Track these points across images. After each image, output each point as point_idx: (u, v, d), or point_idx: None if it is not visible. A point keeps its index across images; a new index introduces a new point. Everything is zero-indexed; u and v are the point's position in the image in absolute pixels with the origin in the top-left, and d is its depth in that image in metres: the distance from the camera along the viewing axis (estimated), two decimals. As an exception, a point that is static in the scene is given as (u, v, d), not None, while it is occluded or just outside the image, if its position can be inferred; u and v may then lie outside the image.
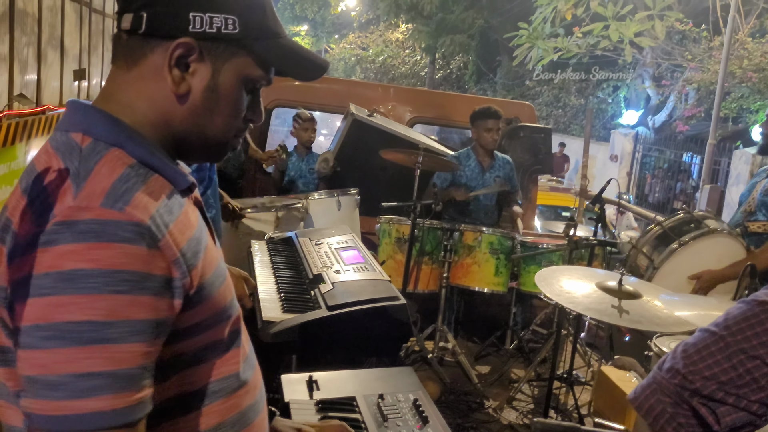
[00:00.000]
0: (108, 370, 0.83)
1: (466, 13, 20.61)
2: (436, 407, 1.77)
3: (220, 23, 0.98)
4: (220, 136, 1.05)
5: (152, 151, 0.98)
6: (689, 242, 3.23)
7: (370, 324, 2.29)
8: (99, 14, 4.21)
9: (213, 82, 1.00)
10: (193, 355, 0.99)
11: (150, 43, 0.98)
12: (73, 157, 0.92)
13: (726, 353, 1.12)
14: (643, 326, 2.37)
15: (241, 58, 1.01)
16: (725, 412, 1.10)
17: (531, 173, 5.50)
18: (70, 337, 0.82)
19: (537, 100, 20.16)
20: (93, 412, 0.82)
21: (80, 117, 0.98)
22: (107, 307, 0.83)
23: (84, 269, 0.82)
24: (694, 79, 14.53)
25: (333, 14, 29.27)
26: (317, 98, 5.76)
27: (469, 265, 4.29)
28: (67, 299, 0.82)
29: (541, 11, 13.63)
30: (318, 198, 4.23)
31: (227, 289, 1.05)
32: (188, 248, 0.95)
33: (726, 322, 1.16)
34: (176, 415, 0.98)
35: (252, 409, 1.10)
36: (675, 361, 1.17)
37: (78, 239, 0.83)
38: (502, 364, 4.51)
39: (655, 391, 1.17)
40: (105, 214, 0.85)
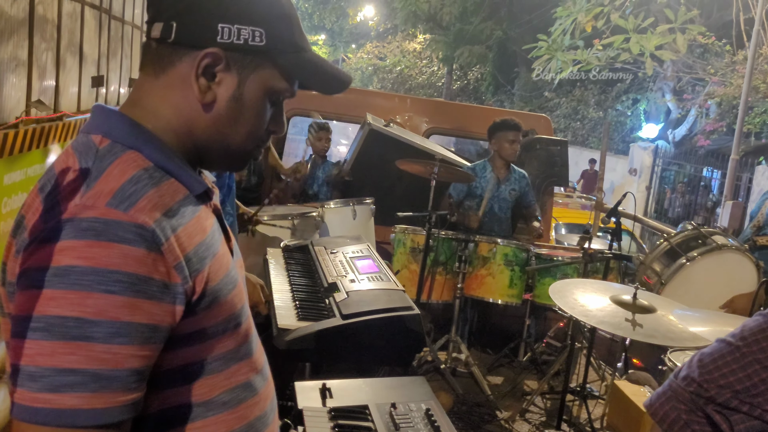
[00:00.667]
0: (88, 368, 0.83)
1: (484, 24, 20.61)
2: (448, 417, 1.78)
3: (247, 35, 0.99)
4: (242, 145, 1.07)
5: (170, 156, 0.99)
6: (697, 258, 3.23)
7: (384, 333, 2.30)
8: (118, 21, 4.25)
9: (238, 92, 1.02)
10: (202, 365, 0.99)
11: (178, 52, 1.00)
12: (89, 157, 0.94)
13: (741, 363, 1.14)
14: (657, 340, 2.37)
15: (266, 70, 1.03)
16: (739, 420, 1.12)
17: (546, 185, 5.50)
18: (56, 331, 0.82)
19: (555, 112, 20.02)
20: (70, 408, 0.82)
21: (102, 120, 1.00)
22: (96, 306, 0.83)
23: (79, 266, 0.83)
24: (716, 93, 14.31)
25: (351, 24, 29.40)
26: (334, 108, 5.80)
27: (484, 276, 4.30)
28: (59, 293, 0.83)
29: (561, 23, 13.57)
30: (334, 207, 4.26)
31: (237, 297, 1.05)
32: (194, 253, 0.95)
33: (742, 333, 1.17)
34: (184, 423, 0.98)
35: (260, 421, 1.09)
36: (691, 369, 1.18)
37: (78, 236, 0.84)
38: (515, 376, 4.50)
39: (670, 399, 1.18)
40: (109, 214, 0.86)
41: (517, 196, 4.80)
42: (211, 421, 1.00)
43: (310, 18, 28.69)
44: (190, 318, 0.94)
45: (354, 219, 4.24)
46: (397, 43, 28.75)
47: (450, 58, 22.57)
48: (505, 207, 4.79)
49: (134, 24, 4.11)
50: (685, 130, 16.10)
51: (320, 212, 4.12)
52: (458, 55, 21.66)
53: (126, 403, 0.86)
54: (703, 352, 1.19)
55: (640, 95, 18.01)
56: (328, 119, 5.55)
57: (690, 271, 3.24)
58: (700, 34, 13.32)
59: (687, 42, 12.75)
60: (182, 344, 0.95)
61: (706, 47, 14.72)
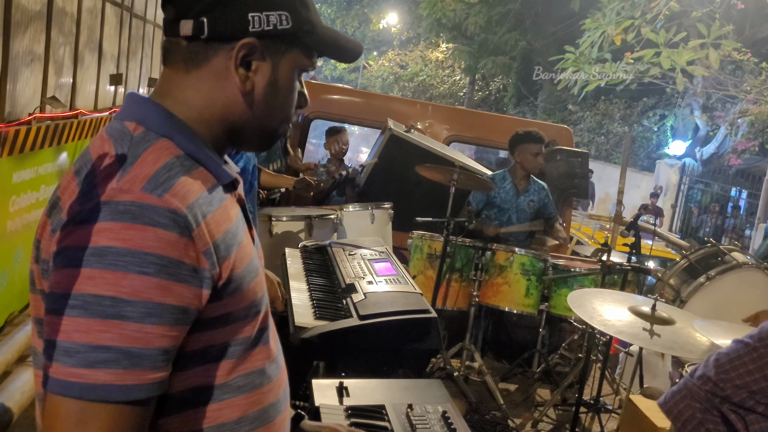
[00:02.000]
0: (121, 346, 0.86)
1: (509, 34, 20.53)
2: (464, 421, 1.78)
3: (275, 20, 1.02)
4: (275, 126, 1.11)
5: (199, 146, 1.02)
6: (716, 277, 3.20)
7: (400, 335, 2.31)
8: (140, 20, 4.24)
9: (273, 77, 1.06)
10: (222, 349, 1.02)
11: (213, 46, 1.02)
12: (124, 143, 0.97)
13: (758, 363, 1.13)
14: (675, 352, 2.35)
15: (294, 51, 1.07)
16: (754, 419, 1.11)
17: (566, 197, 5.48)
18: (92, 309, 0.85)
19: (578, 126, 19.79)
20: (103, 383, 0.85)
21: (136, 108, 1.03)
22: (131, 286, 0.86)
23: (116, 247, 0.86)
24: (750, 111, 14.01)
25: (373, 31, 29.48)
26: (356, 112, 5.82)
27: (500, 284, 4.28)
28: (96, 273, 0.86)
29: (590, 35, 13.42)
30: (352, 210, 4.27)
31: (258, 285, 1.08)
32: (222, 240, 0.98)
33: (760, 334, 1.17)
34: (200, 404, 1.01)
35: (274, 407, 1.11)
36: (707, 369, 1.18)
37: (115, 218, 0.87)
38: (529, 387, 4.47)
39: (685, 397, 1.18)
40: (144, 198, 0.89)
41: (536, 207, 4.79)
42: (226, 404, 1.03)
43: (333, 23, 28.80)
44: (215, 303, 0.97)
45: (372, 223, 4.25)
46: (419, 52, 28.79)
47: (473, 68, 22.51)
48: (523, 218, 4.77)
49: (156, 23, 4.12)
50: (714, 148, 15.73)
51: (339, 215, 4.13)
52: (481, 66, 21.60)
53: (155, 381, 0.90)
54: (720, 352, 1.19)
55: (667, 111, 17.68)
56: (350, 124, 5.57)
57: (709, 290, 3.22)
58: (735, 50, 13.07)
59: (720, 58, 12.54)
60: (206, 328, 0.98)
61: (738, 64, 14.46)
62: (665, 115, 17.84)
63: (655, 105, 18.14)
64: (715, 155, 15.80)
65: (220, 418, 1.02)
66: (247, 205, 3.09)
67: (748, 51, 13.32)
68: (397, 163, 4.96)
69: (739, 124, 14.59)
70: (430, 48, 28.03)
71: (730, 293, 3.21)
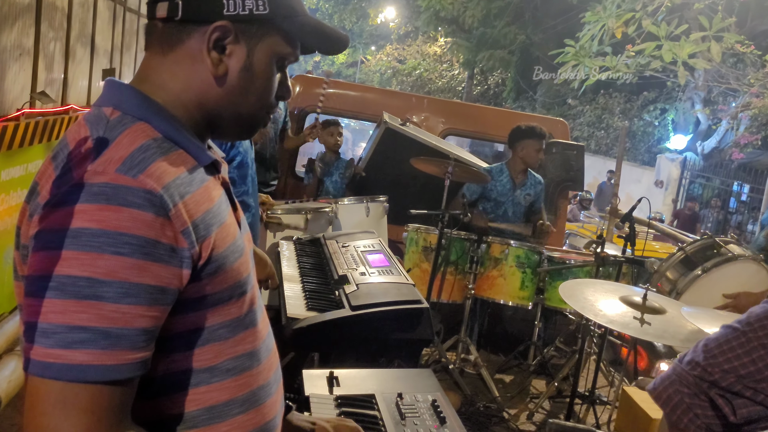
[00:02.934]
0: (99, 327, 0.86)
1: (508, 28, 20.44)
2: (453, 409, 1.78)
3: (251, 5, 1.03)
4: (253, 113, 1.10)
5: (178, 129, 1.03)
6: (712, 269, 3.21)
7: (392, 326, 2.31)
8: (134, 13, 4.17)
9: (248, 62, 1.05)
10: (209, 331, 1.02)
11: (187, 28, 1.03)
12: (100, 127, 0.97)
13: (746, 348, 1.14)
14: (666, 340, 2.36)
15: (272, 37, 1.07)
16: (741, 404, 1.12)
17: (562, 189, 5.48)
18: (68, 290, 0.86)
19: (578, 120, 19.71)
20: (80, 364, 0.86)
21: (113, 93, 1.03)
22: (106, 266, 0.86)
23: (90, 228, 0.87)
24: (753, 105, 13.72)
25: (371, 25, 29.42)
26: (351, 106, 5.82)
27: (495, 277, 4.29)
28: (71, 254, 0.86)
29: (590, 28, 13.33)
30: (347, 203, 4.27)
31: (243, 266, 1.08)
32: (201, 220, 0.98)
33: (748, 319, 1.18)
34: (189, 387, 1.01)
35: (264, 390, 1.12)
36: (696, 354, 1.19)
37: (89, 200, 0.88)
38: (524, 379, 4.49)
39: (674, 382, 1.19)
40: (118, 179, 0.90)
41: (531, 201, 4.79)
42: (214, 387, 1.03)
43: (330, 18, 28.74)
44: (195, 283, 0.97)
45: (367, 216, 4.26)
46: (417, 46, 28.74)
47: (471, 62, 22.44)
48: (518, 212, 4.77)
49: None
50: (715, 142, 15.59)
51: (333, 208, 4.13)
52: (480, 59, 21.53)
53: (134, 361, 0.90)
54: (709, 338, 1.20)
55: (668, 105, 17.53)
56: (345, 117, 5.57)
57: (705, 282, 3.22)
58: (738, 43, 12.94)
59: (722, 50, 12.43)
60: (188, 309, 0.98)
61: (740, 57, 14.33)
62: (666, 109, 17.68)
63: (656, 99, 17.99)
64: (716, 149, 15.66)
65: (210, 401, 1.03)
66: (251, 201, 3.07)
67: (751, 44, 13.20)
68: (393, 156, 4.97)
69: (742, 117, 14.47)
70: (428, 42, 27.99)
71: (727, 285, 3.22)
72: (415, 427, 1.66)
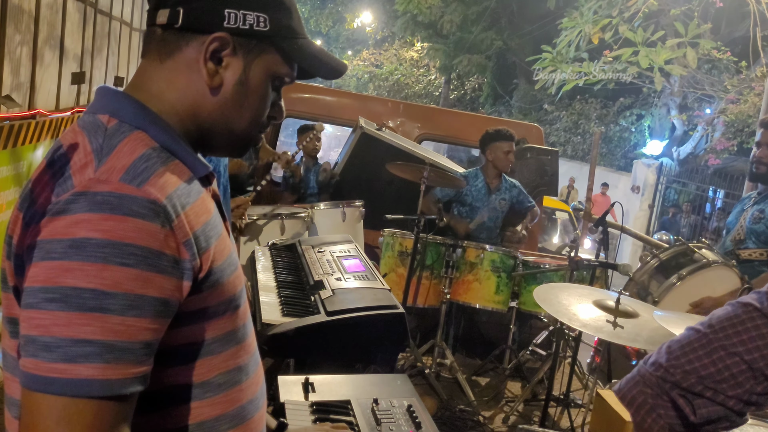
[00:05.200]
0: (103, 340, 0.84)
1: (484, 33, 20.54)
2: (429, 414, 1.79)
3: (252, 20, 1.03)
4: (245, 130, 1.10)
5: (175, 139, 1.02)
6: (687, 276, 3.26)
7: (368, 331, 2.31)
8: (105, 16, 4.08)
9: (244, 76, 1.05)
10: (203, 345, 1.01)
11: (185, 37, 1.03)
12: (98, 134, 0.96)
13: (707, 349, 1.16)
14: (638, 344, 2.39)
15: (270, 55, 1.07)
16: (701, 404, 1.14)
17: (536, 194, 5.52)
18: (72, 302, 0.84)
19: (555, 126, 19.82)
20: (83, 378, 0.83)
21: (108, 101, 1.02)
22: (112, 278, 0.85)
23: (95, 239, 0.85)
24: (730, 110, 13.82)
25: (347, 30, 29.44)
26: (327, 110, 5.82)
27: (471, 281, 4.31)
28: (76, 265, 0.84)
29: (567, 34, 13.40)
30: (323, 208, 4.27)
31: (237, 280, 1.08)
32: (202, 232, 0.97)
33: (710, 320, 1.21)
34: (181, 402, 1.00)
35: (252, 404, 1.11)
36: (659, 356, 1.21)
37: (93, 209, 0.86)
38: (500, 383, 4.51)
39: (638, 383, 1.21)
40: (123, 189, 0.88)
41: (507, 206, 4.83)
42: (207, 403, 1.02)
43: (307, 23, 28.70)
44: (195, 295, 0.97)
45: (343, 221, 4.26)
46: (394, 51, 28.80)
47: (448, 66, 22.51)
48: (494, 216, 4.80)
49: (123, 20, 3.98)
50: (690, 148, 15.76)
51: (310, 213, 4.13)
52: (457, 64, 21.60)
53: (137, 375, 0.88)
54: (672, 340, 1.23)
55: (644, 111, 17.67)
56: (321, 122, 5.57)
57: (681, 290, 3.27)
58: (715, 49, 13.05)
59: (697, 57, 12.54)
60: (186, 322, 0.97)
61: (715, 63, 14.47)
62: (642, 114, 17.83)
63: (632, 105, 18.14)
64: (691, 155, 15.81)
65: (201, 416, 1.02)
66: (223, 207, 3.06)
67: (727, 50, 13.35)
68: (369, 161, 4.97)
69: (720, 123, 14.58)
70: (405, 47, 28.06)
71: (702, 291, 3.26)
72: (390, 433, 1.66)
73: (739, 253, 3.39)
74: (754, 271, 3.32)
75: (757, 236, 3.31)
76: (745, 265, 3.34)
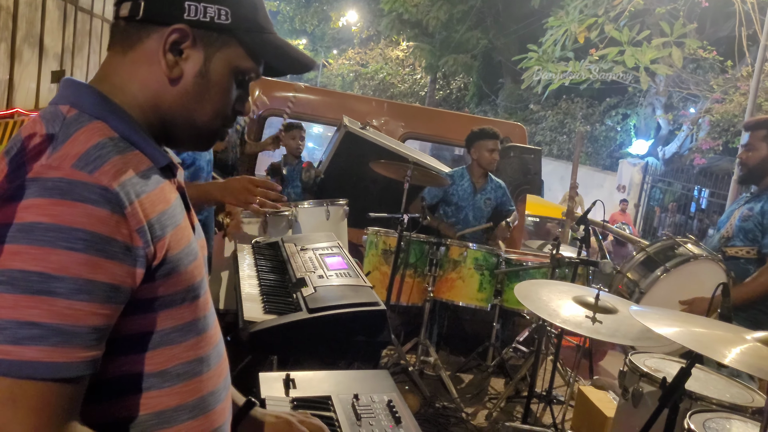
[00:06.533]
0: (50, 323, 0.85)
1: (470, 32, 20.54)
2: (409, 410, 1.80)
3: (213, 13, 1.04)
4: (207, 123, 1.11)
5: (136, 130, 1.03)
6: (672, 269, 3.29)
7: (350, 328, 2.32)
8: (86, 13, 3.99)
9: (204, 68, 1.06)
10: (162, 335, 1.01)
11: (146, 28, 1.04)
12: (56, 124, 0.97)
13: None
14: (617, 340, 2.41)
15: (232, 48, 1.07)
16: None
17: (519, 193, 5.56)
18: (19, 285, 0.84)
19: (540, 125, 19.87)
20: (30, 360, 0.84)
21: (71, 91, 1.03)
22: (59, 262, 0.85)
23: (43, 223, 0.86)
24: (716, 110, 13.82)
25: (333, 29, 29.38)
26: (311, 109, 5.82)
27: (454, 279, 4.33)
28: (23, 248, 0.85)
29: (552, 33, 13.39)
30: (307, 207, 4.26)
31: (197, 270, 1.08)
32: (157, 220, 0.98)
33: None
34: (139, 390, 1.00)
35: (213, 396, 1.11)
36: None
37: (43, 194, 0.87)
38: (483, 380, 4.54)
39: None
40: (74, 175, 0.89)
41: (492, 205, 4.86)
42: (165, 392, 1.03)
43: (291, 21, 28.64)
44: (149, 283, 0.97)
45: (327, 219, 4.25)
46: (379, 50, 28.78)
47: (434, 66, 22.52)
48: (479, 216, 4.83)
49: (104, 17, 3.93)
50: (676, 147, 15.79)
51: (293, 212, 4.12)
52: (442, 63, 21.61)
53: (85, 360, 0.89)
54: None
55: (629, 110, 17.70)
56: (305, 121, 5.57)
57: (667, 282, 3.30)
58: (701, 48, 13.06)
59: (683, 56, 12.55)
60: (140, 310, 0.98)
61: (699, 63, 14.49)
62: (627, 114, 17.85)
63: (617, 104, 18.17)
64: (676, 154, 15.85)
65: (159, 406, 1.02)
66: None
67: (713, 49, 13.38)
68: (353, 159, 4.98)
69: (706, 123, 14.58)
70: (391, 46, 28.05)
71: (687, 284, 3.29)
72: (370, 428, 1.67)
73: (726, 250, 3.43)
74: (739, 268, 3.36)
75: (745, 234, 3.34)
76: (731, 262, 3.38)
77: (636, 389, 2.44)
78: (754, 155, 3.39)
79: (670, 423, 1.99)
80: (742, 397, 2.39)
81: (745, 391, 2.47)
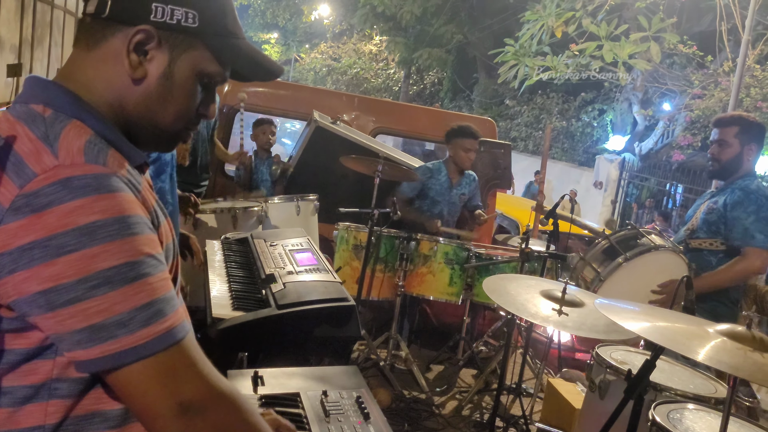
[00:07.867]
0: (156, 298, 0.94)
1: (445, 27, 20.43)
2: (378, 405, 1.81)
3: (180, 15, 1.04)
4: (170, 125, 1.11)
5: (109, 128, 1.03)
6: (633, 258, 3.33)
7: (319, 324, 2.32)
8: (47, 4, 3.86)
9: (169, 70, 1.06)
10: None
11: (111, 27, 1.03)
12: (38, 123, 0.97)
13: None
14: (584, 333, 2.45)
15: (198, 51, 1.07)
16: None
17: (490, 187, 5.59)
18: (116, 280, 0.90)
19: (516, 120, 19.90)
20: (166, 331, 0.93)
21: (40, 90, 1.02)
22: (132, 248, 0.92)
23: (99, 220, 0.90)
24: (696, 106, 13.61)
25: (305, 23, 29.17)
26: (282, 104, 5.79)
27: (424, 274, 4.35)
28: (96, 250, 0.89)
29: (529, 27, 13.35)
30: (277, 202, 4.25)
31: (173, 268, 1.13)
32: (154, 210, 1.04)
33: None
34: None
35: None
36: None
37: (79, 195, 0.89)
38: (454, 374, 4.57)
39: None
40: (93, 169, 0.92)
41: (465, 200, 4.90)
42: None
43: (263, 15, 28.39)
44: None
45: (298, 215, 4.25)
46: (352, 44, 28.66)
47: (408, 60, 22.35)
48: (453, 211, 4.87)
49: (66, 9, 3.83)
50: (652, 143, 15.72)
51: (263, 207, 4.11)
52: (416, 57, 21.47)
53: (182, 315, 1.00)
54: None
55: (606, 106, 17.61)
56: (276, 115, 5.55)
57: (626, 270, 3.34)
58: (681, 43, 13.07)
59: (661, 51, 12.59)
60: None
61: (675, 59, 14.53)
62: (604, 109, 17.73)
63: (594, 100, 18.02)
64: (653, 150, 15.96)
65: None
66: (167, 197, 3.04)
67: (693, 44, 13.43)
68: (323, 154, 4.97)
69: (686, 119, 14.65)
70: (364, 40, 27.94)
71: (647, 274, 3.34)
72: (339, 424, 1.67)
73: (690, 242, 3.49)
74: (702, 260, 3.42)
75: (709, 226, 3.41)
76: (695, 253, 3.45)
77: (602, 381, 2.48)
78: (728, 151, 3.45)
79: (635, 414, 2.02)
80: (705, 387, 2.44)
81: (708, 381, 2.53)
